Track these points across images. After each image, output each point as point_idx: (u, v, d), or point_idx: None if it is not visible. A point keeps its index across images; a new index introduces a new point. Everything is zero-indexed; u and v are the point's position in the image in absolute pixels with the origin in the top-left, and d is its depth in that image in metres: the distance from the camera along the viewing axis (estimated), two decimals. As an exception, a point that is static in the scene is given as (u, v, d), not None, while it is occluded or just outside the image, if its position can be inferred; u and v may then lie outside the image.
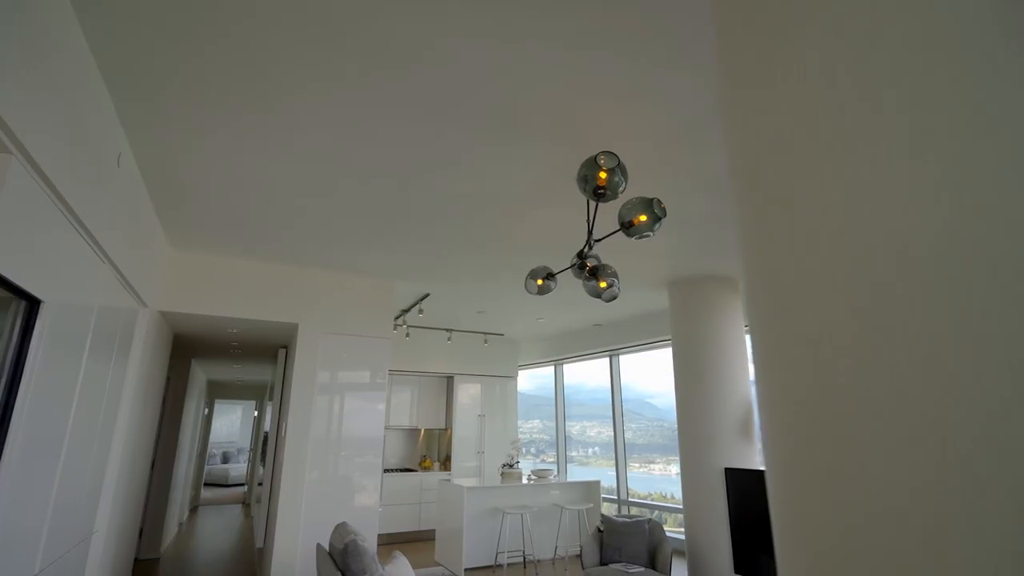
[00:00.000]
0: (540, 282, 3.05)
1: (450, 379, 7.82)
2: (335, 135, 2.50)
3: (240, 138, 2.53)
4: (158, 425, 5.45)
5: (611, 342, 7.22)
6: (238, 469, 12.80)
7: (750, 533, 4.05)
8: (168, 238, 3.87)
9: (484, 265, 4.49)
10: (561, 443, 8.65)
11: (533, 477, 6.10)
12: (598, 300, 5.87)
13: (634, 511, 6.99)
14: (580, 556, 4.52)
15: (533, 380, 9.92)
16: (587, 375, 8.68)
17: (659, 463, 7.37)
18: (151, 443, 5.03)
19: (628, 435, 7.46)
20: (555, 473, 6.16)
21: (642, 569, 4.03)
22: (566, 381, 8.88)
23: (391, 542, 6.55)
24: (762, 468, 4.51)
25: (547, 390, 9.35)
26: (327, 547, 2.93)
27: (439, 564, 5.67)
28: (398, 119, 2.37)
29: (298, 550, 4.01)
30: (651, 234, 2.48)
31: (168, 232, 3.76)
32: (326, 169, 2.84)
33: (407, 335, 6.85)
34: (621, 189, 2.32)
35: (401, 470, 7.31)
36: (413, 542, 6.72)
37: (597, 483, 6.28)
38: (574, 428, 8.77)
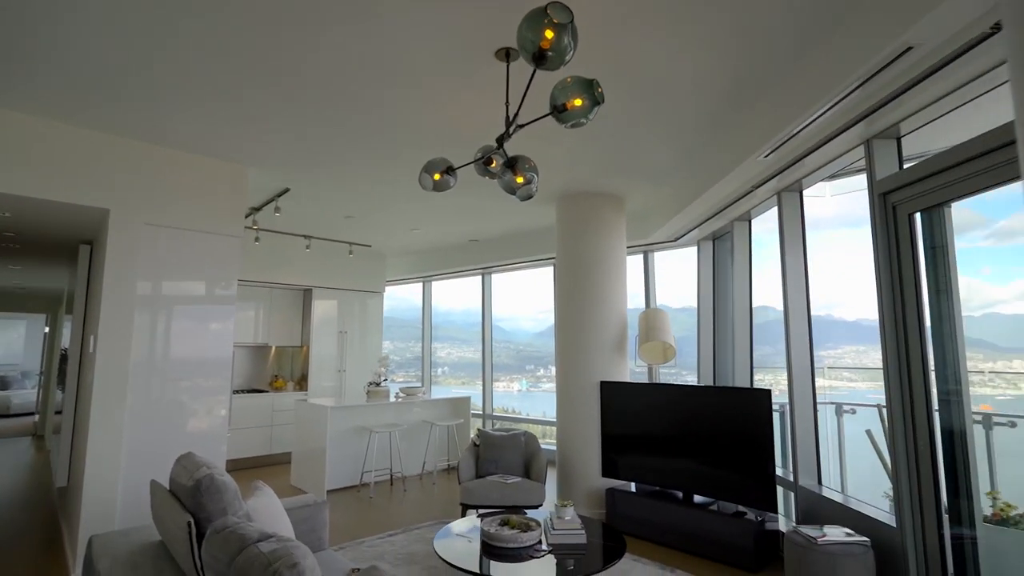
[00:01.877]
0: (437, 177, 2.64)
1: (307, 292, 7.03)
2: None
3: None
4: None
5: (485, 260, 7.01)
6: (24, 396, 10.71)
7: (619, 441, 4.29)
8: None
9: (363, 154, 3.82)
10: (427, 361, 8.47)
11: (401, 395, 5.85)
12: (479, 211, 5.56)
13: (498, 425, 7.17)
14: (456, 470, 4.44)
15: (387, 300, 9.50)
16: (443, 297, 8.56)
17: (503, 381, 7.83)
18: None
19: (479, 355, 7.52)
20: (424, 390, 5.97)
21: (519, 479, 4.07)
22: (425, 302, 8.61)
23: (237, 468, 5.91)
24: (634, 381, 4.76)
25: (400, 311, 9.10)
26: (167, 484, 2.36)
27: (298, 488, 5.24)
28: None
29: (119, 488, 3.29)
30: (585, 122, 2.16)
31: None
32: (154, -20, 1.99)
33: (256, 239, 5.87)
34: (568, 57, 1.94)
35: (249, 391, 6.53)
36: (264, 467, 6.15)
37: (467, 399, 6.24)
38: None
